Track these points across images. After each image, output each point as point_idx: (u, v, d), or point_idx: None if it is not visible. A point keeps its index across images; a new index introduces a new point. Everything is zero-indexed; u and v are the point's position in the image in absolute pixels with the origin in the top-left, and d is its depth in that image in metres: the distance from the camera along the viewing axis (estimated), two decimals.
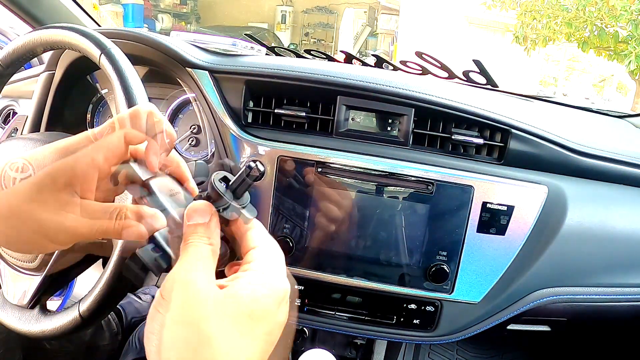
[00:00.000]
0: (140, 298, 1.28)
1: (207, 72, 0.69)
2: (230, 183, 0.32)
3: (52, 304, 0.59)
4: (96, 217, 0.32)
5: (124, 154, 0.35)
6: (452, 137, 0.65)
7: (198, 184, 0.57)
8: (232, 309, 0.27)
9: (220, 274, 0.32)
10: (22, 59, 0.60)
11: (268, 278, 0.30)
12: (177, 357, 0.26)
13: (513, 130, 0.64)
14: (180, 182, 0.37)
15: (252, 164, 0.31)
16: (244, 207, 0.32)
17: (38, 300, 0.56)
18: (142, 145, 0.36)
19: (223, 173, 0.32)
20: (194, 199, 0.33)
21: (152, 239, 0.31)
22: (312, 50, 0.96)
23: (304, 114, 0.66)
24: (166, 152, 0.36)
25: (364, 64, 0.90)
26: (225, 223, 0.33)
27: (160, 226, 0.32)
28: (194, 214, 0.31)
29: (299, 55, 0.95)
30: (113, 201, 0.37)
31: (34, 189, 0.32)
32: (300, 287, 0.68)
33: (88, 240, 0.37)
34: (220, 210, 0.32)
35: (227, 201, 0.31)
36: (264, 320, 0.28)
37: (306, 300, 0.69)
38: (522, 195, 0.64)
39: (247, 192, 0.32)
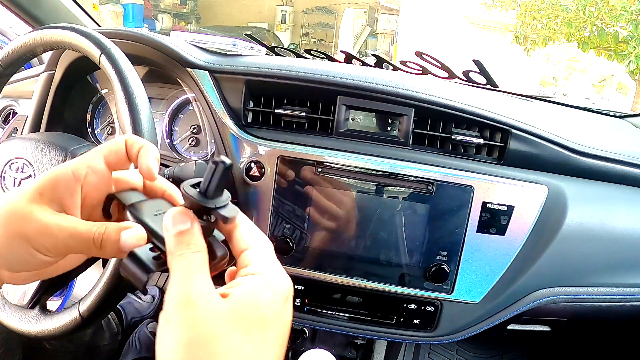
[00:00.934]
0: (140, 298, 1.28)
1: (207, 72, 0.69)
2: (200, 186, 0.29)
3: (52, 304, 0.59)
4: (78, 233, 0.31)
5: (123, 161, 0.34)
6: (452, 137, 0.65)
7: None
8: (240, 320, 0.26)
9: (218, 276, 0.31)
10: (22, 59, 0.60)
11: (270, 279, 0.29)
12: None
13: (513, 130, 0.64)
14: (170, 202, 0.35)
15: (217, 159, 0.28)
16: (222, 208, 0.30)
17: (38, 300, 0.55)
18: (127, 175, 0.35)
19: (195, 180, 0.30)
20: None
21: (131, 255, 0.30)
22: (312, 50, 0.96)
23: (304, 114, 0.66)
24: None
25: (364, 64, 0.90)
26: (213, 232, 0.32)
27: (138, 241, 0.30)
28: (172, 221, 0.29)
29: (299, 55, 0.95)
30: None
31: (23, 200, 0.31)
32: (300, 287, 0.68)
33: (78, 255, 0.36)
34: (204, 219, 0.30)
35: (201, 205, 0.29)
36: (274, 325, 0.28)
37: (306, 300, 0.69)
38: (522, 195, 0.64)
39: (223, 191, 0.30)
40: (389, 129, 0.67)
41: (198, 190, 0.29)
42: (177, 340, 0.25)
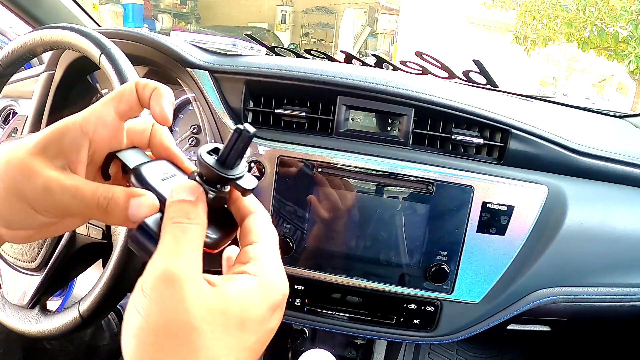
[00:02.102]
0: None
1: (207, 72, 0.69)
2: (219, 154, 0.27)
3: (52, 304, 0.59)
4: (81, 195, 0.28)
5: (135, 107, 0.30)
6: (452, 137, 0.65)
7: None
8: (220, 317, 0.24)
9: (211, 260, 0.29)
10: (22, 59, 0.60)
11: (266, 283, 0.27)
12: None
13: (513, 130, 0.64)
14: (175, 164, 0.32)
15: (241, 126, 0.26)
16: (239, 178, 0.28)
17: (38, 300, 0.56)
18: (137, 123, 0.32)
19: (212, 145, 0.28)
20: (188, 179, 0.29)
21: (141, 227, 0.27)
22: (312, 50, 0.96)
23: (304, 114, 0.66)
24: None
25: (364, 64, 0.90)
26: (225, 202, 0.30)
27: (150, 210, 0.28)
28: (179, 190, 0.27)
29: (299, 55, 0.95)
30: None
31: (25, 153, 0.28)
32: (300, 287, 0.68)
33: (80, 218, 0.33)
34: (218, 188, 0.28)
35: (219, 174, 0.27)
36: (255, 331, 0.26)
37: (306, 300, 0.69)
38: (522, 195, 0.64)
39: (242, 160, 0.28)
40: (389, 129, 0.67)
41: (216, 157, 0.27)
42: (148, 319, 0.23)
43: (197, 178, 0.28)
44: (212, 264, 0.30)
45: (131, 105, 0.30)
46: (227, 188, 0.29)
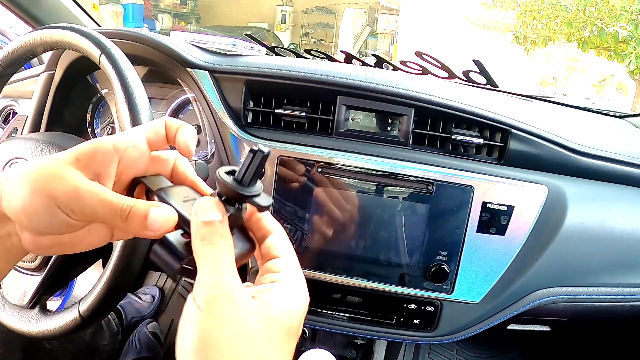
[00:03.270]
0: (140, 298, 1.28)
1: (207, 72, 0.69)
2: (236, 174, 0.30)
3: (52, 304, 0.59)
4: (107, 201, 0.30)
5: (162, 140, 0.33)
6: (452, 137, 0.65)
7: None
8: (272, 326, 0.26)
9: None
10: (22, 59, 0.60)
11: (297, 291, 0.29)
12: None
13: (513, 130, 0.64)
14: (195, 190, 0.35)
15: (255, 147, 0.28)
16: (256, 196, 0.30)
17: (38, 300, 0.55)
18: (162, 154, 0.35)
19: (229, 167, 0.30)
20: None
21: (162, 241, 0.29)
22: (312, 50, 0.96)
23: (304, 114, 0.66)
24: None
25: (364, 64, 0.90)
26: (242, 221, 0.32)
27: (168, 221, 0.30)
28: (203, 209, 0.29)
29: (299, 55, 0.95)
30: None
31: (57, 162, 0.30)
32: None
33: (101, 232, 0.35)
34: (236, 207, 0.30)
35: (238, 192, 0.29)
36: (296, 334, 0.28)
37: None
38: (522, 195, 0.64)
39: (258, 180, 0.30)
40: (389, 129, 0.67)
41: (233, 177, 0.29)
42: (204, 328, 0.25)
43: (216, 197, 0.30)
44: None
45: (159, 139, 0.34)
46: (245, 207, 0.31)
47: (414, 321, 0.68)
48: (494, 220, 0.63)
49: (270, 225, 0.32)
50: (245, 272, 0.69)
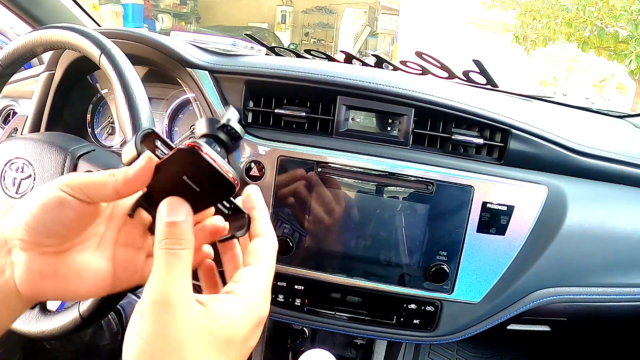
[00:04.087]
0: (140, 298, 1.28)
1: (207, 72, 0.69)
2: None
3: (52, 304, 0.59)
4: (104, 177, 0.31)
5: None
6: (452, 137, 0.65)
7: None
8: (210, 335, 0.27)
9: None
10: (22, 59, 0.60)
11: (251, 305, 0.29)
12: None
13: (513, 130, 0.64)
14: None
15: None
16: (230, 122, 0.32)
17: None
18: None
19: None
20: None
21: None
22: (312, 50, 0.96)
23: (304, 114, 0.66)
24: None
25: (364, 64, 0.90)
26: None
27: (149, 167, 0.31)
28: (168, 209, 0.29)
29: (299, 55, 0.95)
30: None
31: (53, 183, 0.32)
32: (300, 287, 0.68)
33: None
34: (220, 143, 0.32)
35: (212, 124, 0.31)
36: (238, 348, 0.28)
37: (306, 301, 0.69)
38: (522, 195, 0.64)
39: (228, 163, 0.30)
40: (389, 129, 0.67)
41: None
42: (147, 338, 0.26)
43: (200, 140, 0.31)
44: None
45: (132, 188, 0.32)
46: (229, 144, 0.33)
47: (414, 321, 0.68)
48: (494, 220, 0.63)
49: (261, 229, 0.32)
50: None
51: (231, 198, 0.32)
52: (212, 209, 0.33)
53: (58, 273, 0.32)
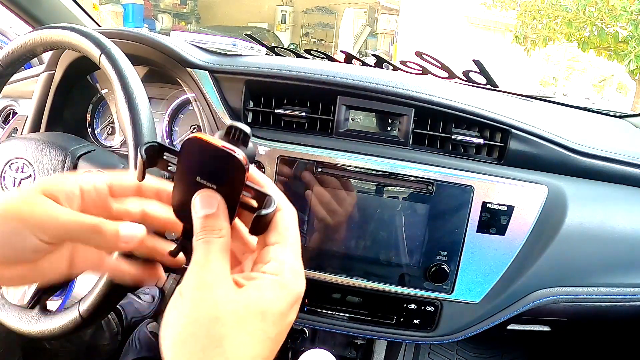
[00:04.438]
0: (140, 298, 1.28)
1: (207, 72, 0.69)
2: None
3: (52, 304, 0.59)
4: (81, 223, 0.32)
5: (128, 193, 0.36)
6: (452, 137, 0.65)
7: None
8: (245, 311, 0.28)
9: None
10: (22, 59, 0.60)
11: (286, 282, 0.30)
12: (189, 354, 0.27)
13: (513, 130, 0.64)
14: None
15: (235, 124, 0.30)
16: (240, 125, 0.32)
17: (38, 300, 0.55)
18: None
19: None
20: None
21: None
22: (312, 50, 0.96)
23: (304, 114, 0.66)
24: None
25: (364, 64, 0.90)
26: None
27: (139, 238, 0.33)
28: (200, 204, 0.30)
29: (299, 55, 0.95)
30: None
31: (27, 192, 0.32)
32: None
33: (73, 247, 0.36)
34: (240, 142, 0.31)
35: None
36: (276, 323, 0.29)
37: (306, 301, 0.69)
38: (522, 195, 0.64)
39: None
40: (389, 129, 0.67)
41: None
42: (184, 314, 0.28)
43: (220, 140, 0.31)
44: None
45: (124, 189, 0.36)
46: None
47: (414, 321, 0.68)
48: (494, 220, 0.63)
49: (279, 202, 0.32)
50: None
51: (248, 183, 0.31)
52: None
53: (25, 276, 0.34)
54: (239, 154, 0.29)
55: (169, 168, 0.32)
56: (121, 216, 0.35)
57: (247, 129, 0.31)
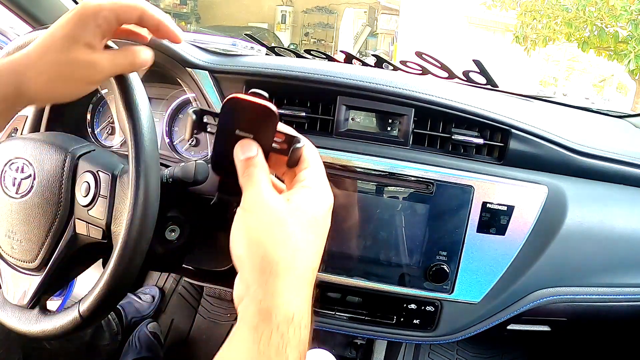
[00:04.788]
0: (140, 298, 1.28)
1: (207, 72, 0.69)
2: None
3: (52, 304, 0.59)
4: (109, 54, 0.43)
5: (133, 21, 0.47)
6: (452, 137, 0.65)
7: (198, 184, 0.57)
8: (297, 216, 0.35)
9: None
10: None
11: (320, 193, 0.37)
12: (263, 253, 0.33)
13: (513, 130, 0.64)
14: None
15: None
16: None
17: (38, 300, 0.55)
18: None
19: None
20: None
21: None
22: (312, 50, 0.96)
23: (304, 114, 0.66)
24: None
25: (364, 64, 0.90)
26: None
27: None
28: (242, 150, 0.37)
29: (299, 55, 0.95)
30: None
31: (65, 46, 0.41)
32: None
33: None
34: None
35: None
36: (319, 224, 0.36)
37: None
38: (522, 195, 0.64)
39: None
40: (389, 129, 0.67)
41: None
42: (249, 222, 0.34)
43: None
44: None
45: (129, 17, 0.47)
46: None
47: (414, 321, 0.68)
48: (494, 220, 0.63)
49: (303, 142, 0.40)
50: None
51: (279, 129, 0.38)
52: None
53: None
54: (272, 106, 0.36)
55: (208, 130, 0.39)
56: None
57: (265, 93, 0.38)
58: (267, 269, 0.33)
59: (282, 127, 0.39)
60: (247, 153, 0.37)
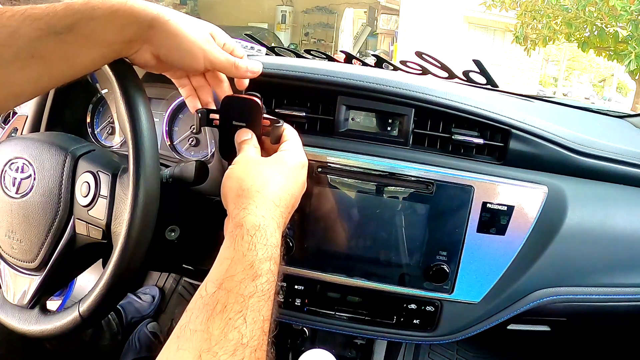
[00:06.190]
0: (140, 298, 1.28)
1: None
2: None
3: (52, 304, 0.59)
4: (225, 60, 0.51)
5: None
6: (453, 137, 0.65)
7: (198, 184, 0.57)
8: (271, 163, 0.49)
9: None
10: None
11: (293, 153, 0.52)
12: (250, 196, 0.45)
13: (513, 130, 0.64)
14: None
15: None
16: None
17: (38, 300, 0.56)
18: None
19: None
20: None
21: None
22: (312, 50, 0.96)
23: (304, 114, 0.66)
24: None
25: (364, 64, 0.90)
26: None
27: (258, 70, 0.57)
28: (239, 137, 0.53)
29: (299, 55, 0.95)
30: None
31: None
32: (300, 287, 0.68)
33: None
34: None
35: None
36: (289, 172, 0.50)
37: (306, 300, 0.69)
38: (522, 195, 0.64)
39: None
40: (389, 129, 0.67)
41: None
42: (234, 169, 0.49)
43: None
44: None
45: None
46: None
47: (414, 321, 0.68)
48: (494, 220, 0.63)
49: (285, 128, 0.56)
50: None
51: (265, 116, 0.54)
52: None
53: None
54: (256, 99, 0.53)
55: (214, 124, 0.54)
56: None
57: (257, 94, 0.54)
58: (241, 194, 0.45)
59: (267, 115, 0.54)
60: (243, 137, 0.52)
